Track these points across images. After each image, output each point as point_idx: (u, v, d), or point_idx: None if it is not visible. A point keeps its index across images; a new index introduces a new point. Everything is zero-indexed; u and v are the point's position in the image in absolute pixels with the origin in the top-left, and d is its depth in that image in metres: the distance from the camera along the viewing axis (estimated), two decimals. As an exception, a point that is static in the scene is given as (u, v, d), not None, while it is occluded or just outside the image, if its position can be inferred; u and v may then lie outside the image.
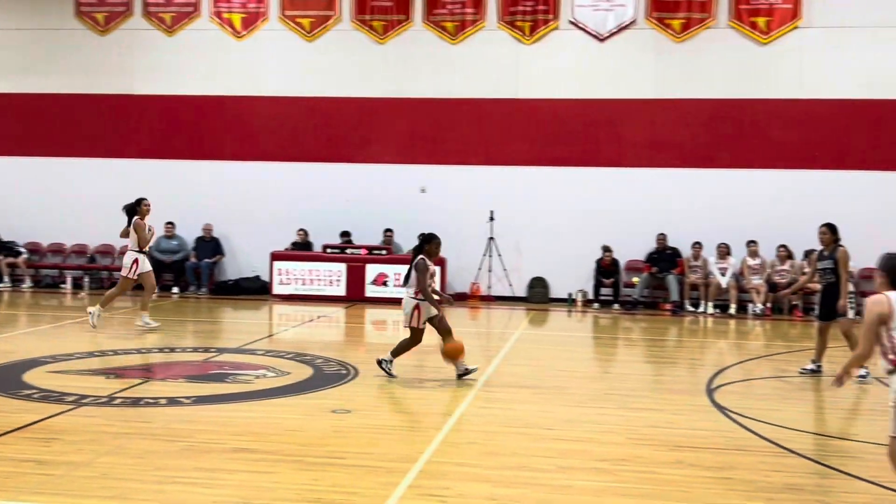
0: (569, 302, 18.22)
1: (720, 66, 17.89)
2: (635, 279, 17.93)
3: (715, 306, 17.33)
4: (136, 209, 13.38)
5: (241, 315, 16.42)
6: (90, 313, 13.00)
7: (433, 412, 8.37)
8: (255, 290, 18.72)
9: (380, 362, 10.07)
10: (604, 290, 18.04)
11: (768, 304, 17.10)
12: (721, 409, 8.77)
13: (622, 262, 18.18)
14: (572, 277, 18.33)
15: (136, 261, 13.25)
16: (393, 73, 18.93)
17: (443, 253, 17.93)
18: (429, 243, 10.13)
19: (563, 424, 8.07)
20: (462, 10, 18.57)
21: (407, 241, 18.66)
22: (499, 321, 16.30)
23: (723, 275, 17.39)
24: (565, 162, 18.40)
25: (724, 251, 17.51)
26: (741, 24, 17.71)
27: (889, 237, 15.01)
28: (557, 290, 18.49)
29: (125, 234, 13.51)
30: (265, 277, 18.58)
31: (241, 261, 19.21)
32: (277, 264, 18.08)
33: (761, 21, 17.64)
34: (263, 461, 6.62)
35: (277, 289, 18.03)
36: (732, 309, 17.09)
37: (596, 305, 17.92)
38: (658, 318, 16.77)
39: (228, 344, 12.42)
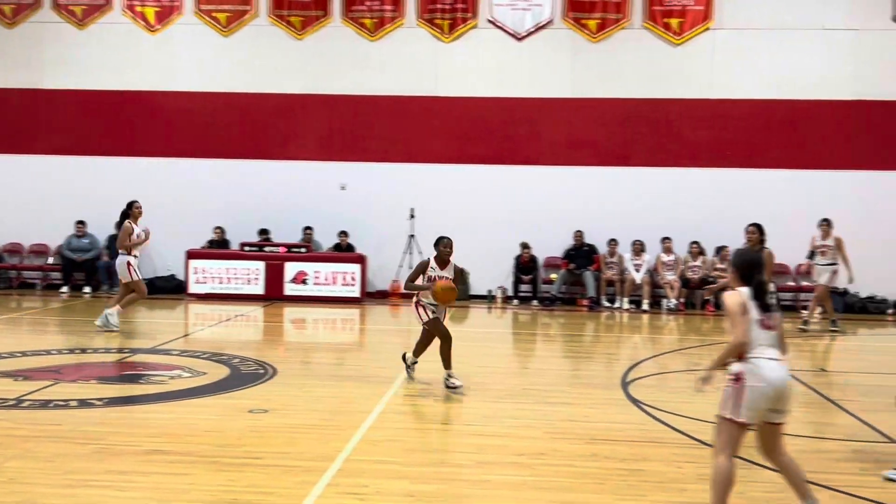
0: (488, 299, 18.35)
1: (635, 66, 18.23)
2: (553, 276, 18.16)
3: (630, 302, 17.67)
4: (128, 212, 13.12)
5: (156, 315, 16.09)
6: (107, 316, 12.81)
7: (352, 410, 8.33)
8: (170, 289, 18.36)
9: (404, 358, 10.03)
10: (523, 287, 18.23)
11: (681, 300, 17.52)
12: (636, 402, 8.95)
13: (540, 259, 18.39)
14: (492, 274, 18.48)
15: (128, 263, 13.00)
16: (311, 68, 18.78)
17: (363, 251, 18.09)
18: (436, 246, 9.90)
19: (482, 420, 8.12)
20: (381, 6, 18.53)
21: (326, 239, 18.57)
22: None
23: (637, 271, 17.75)
24: (484, 159, 18.53)
25: (638, 248, 17.87)
26: (655, 26, 18.08)
27: (796, 234, 15.55)
28: (477, 287, 18.61)
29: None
30: (181, 276, 18.25)
31: (155, 259, 18.81)
32: (193, 263, 17.77)
33: (674, 22, 18.04)
34: (178, 463, 6.51)
35: (193, 287, 17.72)
36: (646, 304, 17.44)
37: (515, 302, 18.09)
38: (575, 314, 17.02)
39: (142, 344, 12.15)
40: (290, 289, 17.62)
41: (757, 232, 11.25)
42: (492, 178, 18.46)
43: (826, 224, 14.85)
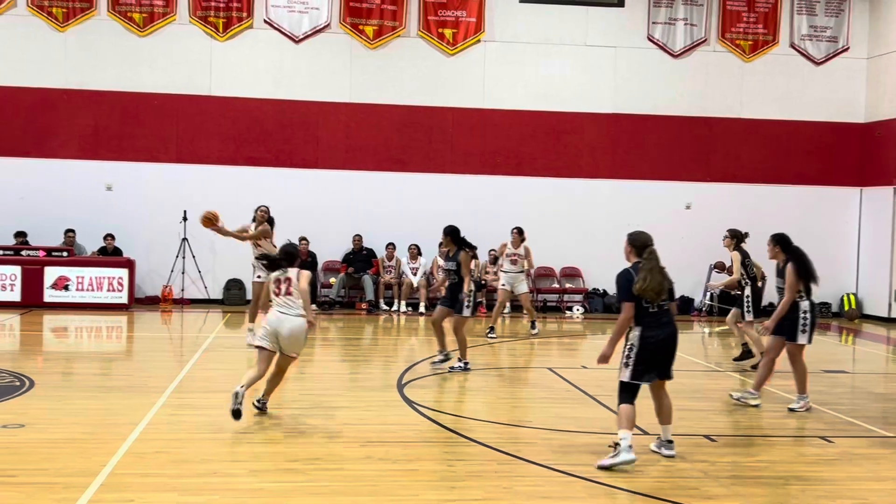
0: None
1: (411, 73, 18.57)
2: (332, 279, 18.15)
3: (408, 305, 17.97)
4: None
5: None
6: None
7: (118, 422, 7.95)
8: (-89, 297, 16.75)
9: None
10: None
11: (456, 302, 17.98)
12: (410, 403, 9.12)
13: (320, 263, 18.33)
14: (269, 279, 18.20)
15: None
16: (75, 62, 17.77)
17: (131, 254, 17.30)
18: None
19: (256, 427, 8.00)
20: (151, 1, 17.82)
21: (91, 242, 17.61)
22: (193, 325, 15.81)
23: (414, 274, 18.08)
24: (261, 162, 18.25)
25: (415, 252, 18.21)
26: (430, 35, 18.50)
27: (561, 239, 16.39)
28: (254, 292, 18.27)
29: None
30: (-76, 283, 16.70)
31: None
32: (-61, 268, 16.32)
33: (448, 33, 18.54)
34: (-83, 487, 5.96)
35: (-61, 295, 16.28)
36: (423, 307, 17.80)
37: (293, 306, 17.88)
38: (354, 318, 17.10)
39: None
40: (50, 295, 16.57)
41: (449, 236, 11.45)
42: (268, 180, 18.19)
43: (518, 232, 15.13)
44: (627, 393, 7.17)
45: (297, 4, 18.22)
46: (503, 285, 15.06)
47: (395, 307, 17.95)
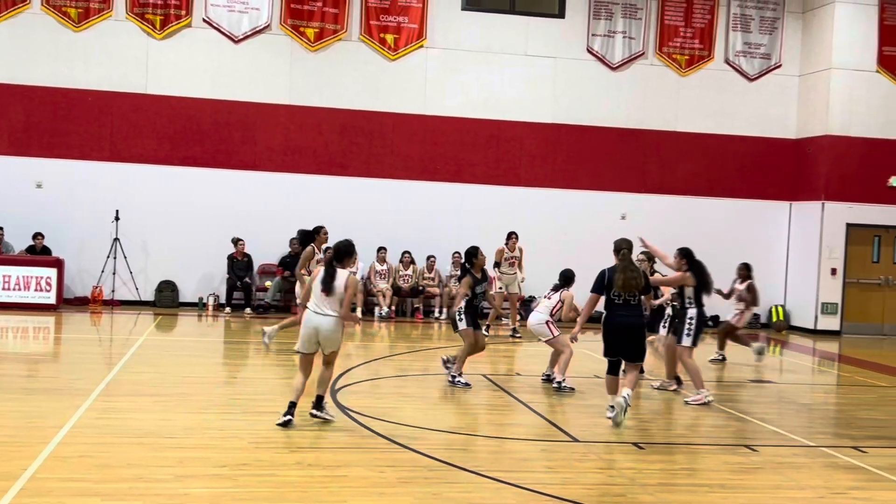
0: (199, 306, 17.83)
1: (353, 77, 18.50)
2: (268, 283, 17.97)
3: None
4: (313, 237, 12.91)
5: None
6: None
7: (41, 425, 7.76)
8: None
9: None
10: (236, 294, 17.87)
11: (393, 308, 17.99)
12: (343, 409, 9.06)
13: (255, 266, 18.15)
14: (204, 281, 17.98)
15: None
16: (6, 56, 17.33)
17: (61, 254, 16.92)
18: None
19: (185, 432, 7.88)
20: (87, -4, 17.48)
21: (19, 241, 17.18)
22: (123, 327, 15.51)
23: (351, 279, 17.96)
24: (197, 162, 18.00)
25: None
26: (371, 40, 18.46)
27: (498, 246, 16.45)
28: (188, 294, 18.02)
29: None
30: None
31: None
32: None
33: (390, 38, 18.53)
34: None
35: None
36: (359, 312, 17.70)
37: (228, 309, 17.69)
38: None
39: None
40: (-26, 294, 16.12)
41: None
42: (205, 181, 17.96)
43: (515, 237, 16.01)
44: (608, 365, 9.07)
45: (236, 4, 18.02)
46: (500, 289, 15.87)
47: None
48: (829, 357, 16.21)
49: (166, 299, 17.82)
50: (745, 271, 14.07)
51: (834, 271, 19.01)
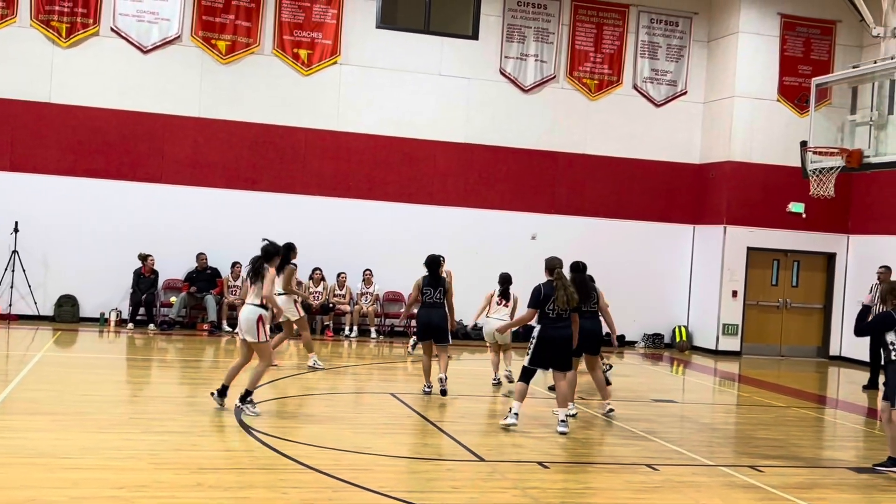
0: (101, 322, 17.33)
1: (265, 91, 18.31)
2: (173, 299, 17.60)
3: (252, 326, 17.55)
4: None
5: None
6: (313, 364, 13.15)
7: (-74, 446, 7.42)
8: None
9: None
10: (140, 310, 17.44)
11: (302, 325, 17.79)
12: (247, 428, 8.91)
13: (161, 281, 17.75)
14: (106, 296, 17.49)
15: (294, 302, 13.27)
16: None
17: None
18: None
19: (82, 452, 7.63)
20: (-11, 1, 16.92)
21: None
22: (20, 342, 14.96)
23: (260, 296, 17.71)
24: (102, 174, 17.53)
25: (262, 273, 17.85)
26: (285, 55, 18.32)
27: (410, 264, 16.43)
28: (89, 310, 17.50)
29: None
30: None
31: None
32: None
33: (303, 53, 18.42)
34: None
35: None
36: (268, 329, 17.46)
37: (130, 325, 17.24)
38: (195, 339, 16.61)
39: None
40: None
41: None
42: (109, 194, 17.50)
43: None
44: (525, 374, 9.72)
45: (146, 14, 17.67)
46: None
47: (237, 329, 17.49)
48: (729, 377, 16.67)
49: (66, 314, 17.28)
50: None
51: (735, 293, 19.59)
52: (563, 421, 9.57)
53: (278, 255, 10.22)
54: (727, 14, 19.85)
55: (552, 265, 9.68)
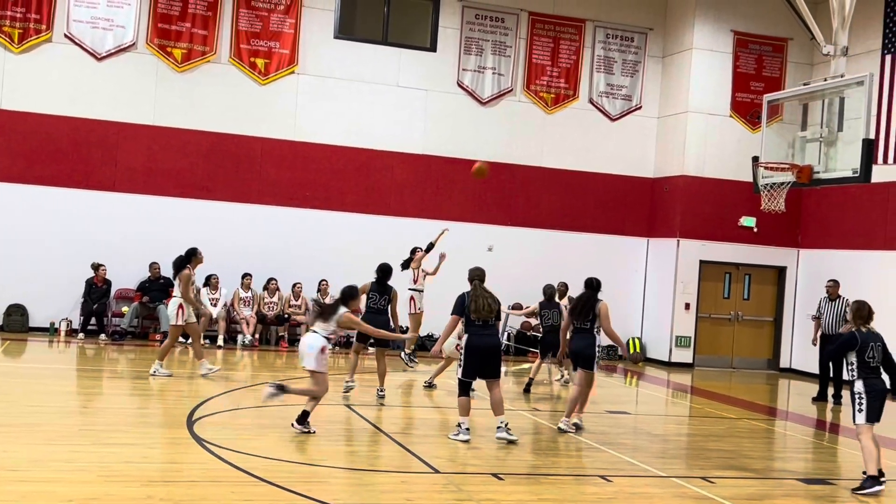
0: (51, 331, 17.04)
1: (221, 100, 18.18)
2: (125, 308, 17.36)
3: (205, 337, 17.37)
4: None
5: None
6: (154, 372, 12.88)
7: None
8: None
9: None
10: (91, 320, 17.16)
11: (257, 336, 17.66)
12: (199, 440, 8.81)
13: (113, 291, 17.49)
14: (56, 306, 17.20)
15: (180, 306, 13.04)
16: None
17: None
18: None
19: (29, 464, 7.49)
20: (-62, 4, 16.60)
21: None
22: (-35, 352, 14.65)
23: (214, 306, 17.57)
24: (53, 181, 17.27)
25: (215, 282, 17.70)
26: (241, 63, 18.22)
27: (367, 275, 16.39)
28: (39, 319, 17.19)
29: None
30: None
31: None
32: None
33: (260, 62, 18.33)
34: None
35: None
36: (222, 340, 17.32)
37: (81, 335, 16.96)
38: (148, 349, 16.38)
39: None
40: None
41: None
42: (61, 201, 17.23)
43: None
44: (462, 388, 9.76)
45: (101, 21, 17.47)
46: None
47: (188, 339, 17.32)
48: (682, 389, 16.85)
49: (15, 324, 16.96)
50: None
51: (687, 306, 19.82)
52: (501, 427, 9.72)
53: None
54: (681, 30, 20.15)
55: (471, 276, 10.02)
